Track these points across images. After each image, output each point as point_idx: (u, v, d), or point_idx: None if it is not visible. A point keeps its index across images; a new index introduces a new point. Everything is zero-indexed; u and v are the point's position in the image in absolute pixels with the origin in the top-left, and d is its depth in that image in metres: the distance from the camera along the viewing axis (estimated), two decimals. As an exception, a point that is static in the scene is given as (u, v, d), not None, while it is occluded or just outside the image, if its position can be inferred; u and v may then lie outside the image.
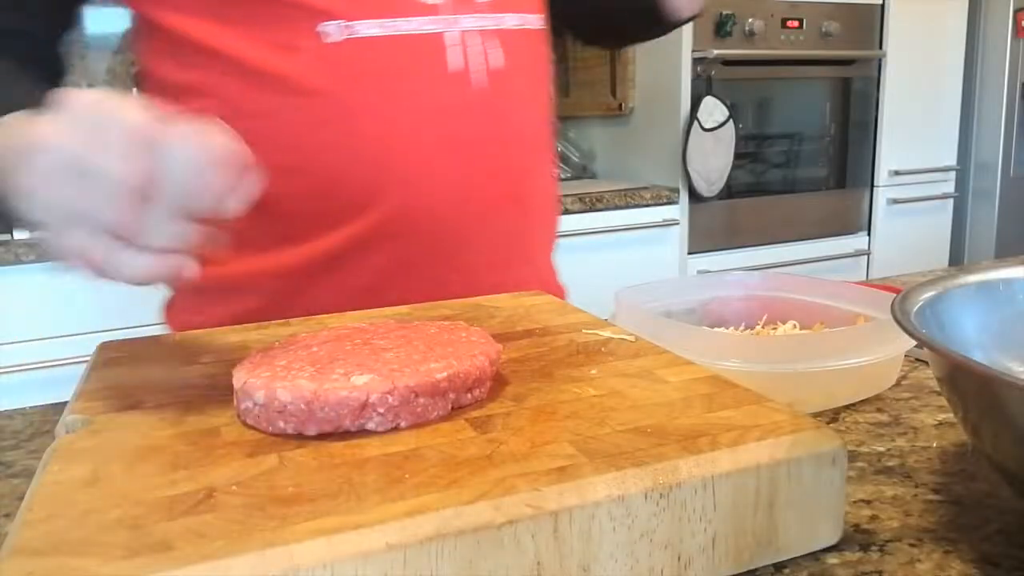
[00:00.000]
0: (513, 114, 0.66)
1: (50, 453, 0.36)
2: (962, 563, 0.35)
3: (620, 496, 0.31)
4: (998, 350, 0.44)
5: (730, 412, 0.38)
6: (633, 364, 0.45)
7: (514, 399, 0.40)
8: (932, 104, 2.50)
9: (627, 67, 2.29)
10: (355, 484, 0.31)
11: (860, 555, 0.36)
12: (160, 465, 0.34)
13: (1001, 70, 2.50)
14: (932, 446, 0.47)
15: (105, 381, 0.45)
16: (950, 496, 0.41)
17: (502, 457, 0.33)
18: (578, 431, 0.36)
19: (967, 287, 0.45)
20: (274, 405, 0.36)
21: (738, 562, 0.34)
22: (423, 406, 0.38)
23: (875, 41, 2.37)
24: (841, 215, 2.45)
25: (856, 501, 0.41)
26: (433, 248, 0.64)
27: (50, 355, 1.57)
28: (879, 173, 2.46)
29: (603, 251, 2.01)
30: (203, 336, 0.54)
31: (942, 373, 0.37)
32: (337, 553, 0.27)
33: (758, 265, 2.25)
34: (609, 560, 0.31)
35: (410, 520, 0.29)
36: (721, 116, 2.14)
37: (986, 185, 2.59)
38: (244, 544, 0.27)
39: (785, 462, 0.34)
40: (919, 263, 2.51)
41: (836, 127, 2.43)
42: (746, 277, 0.68)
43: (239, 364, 0.41)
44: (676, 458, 0.33)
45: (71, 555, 0.27)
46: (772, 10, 2.19)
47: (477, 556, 0.29)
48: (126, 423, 0.39)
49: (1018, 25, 2.47)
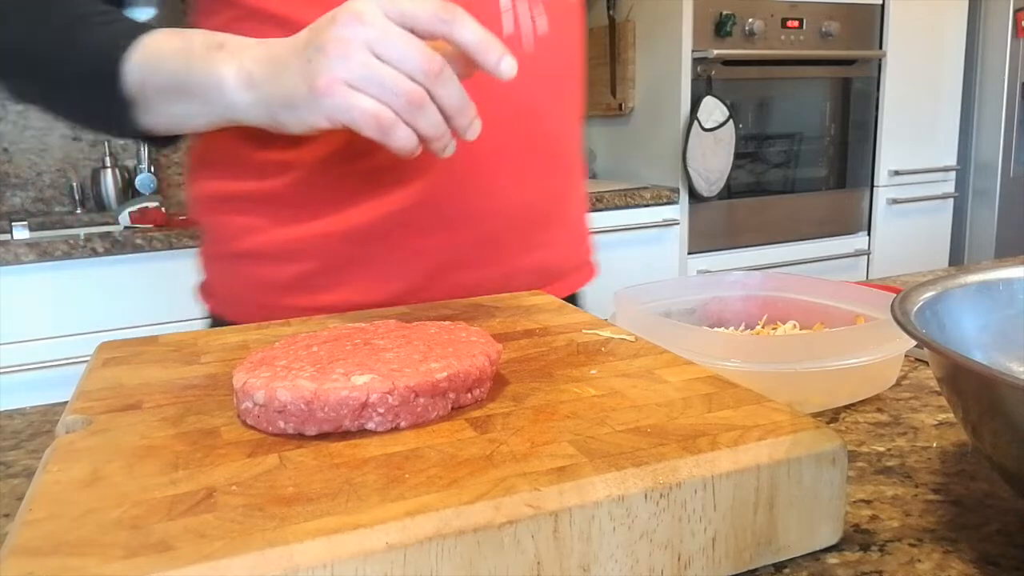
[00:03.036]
0: (555, 79, 0.70)
1: (50, 453, 0.36)
2: (962, 563, 0.35)
3: (620, 496, 0.31)
4: (998, 350, 0.44)
5: (730, 412, 0.38)
6: (633, 364, 0.45)
7: (514, 399, 0.40)
8: (932, 104, 2.50)
9: (627, 67, 2.30)
10: (355, 484, 0.31)
11: (860, 555, 0.36)
12: (160, 465, 0.34)
13: (1001, 70, 2.50)
14: (932, 446, 0.47)
15: (105, 381, 0.45)
16: (950, 496, 0.41)
17: (502, 457, 0.33)
18: (578, 431, 0.36)
19: (967, 287, 0.45)
20: (274, 405, 0.36)
21: (738, 562, 0.34)
22: (423, 406, 0.38)
23: (875, 41, 2.37)
24: (841, 215, 2.45)
25: (856, 501, 0.41)
26: (480, 207, 0.67)
27: (50, 355, 1.57)
28: (879, 173, 2.46)
29: (603, 251, 2.00)
30: (203, 336, 0.55)
31: (942, 373, 0.37)
32: (337, 553, 0.27)
33: (758, 265, 2.26)
34: (609, 560, 0.31)
35: (410, 520, 0.29)
36: (721, 116, 2.14)
37: (986, 185, 2.59)
38: (244, 544, 0.27)
39: (785, 462, 0.34)
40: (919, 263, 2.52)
41: (836, 127, 2.43)
42: (746, 277, 0.68)
43: (239, 364, 0.41)
44: (676, 458, 0.33)
45: (71, 555, 0.27)
46: (772, 10, 2.19)
47: (477, 556, 0.29)
48: (126, 423, 0.39)
49: (1018, 25, 2.47)
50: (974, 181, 2.62)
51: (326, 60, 0.48)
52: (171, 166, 2.17)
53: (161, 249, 1.62)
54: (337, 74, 0.48)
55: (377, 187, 0.64)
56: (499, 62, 0.48)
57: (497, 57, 0.48)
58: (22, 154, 2.02)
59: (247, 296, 0.69)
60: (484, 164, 0.65)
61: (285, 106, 0.51)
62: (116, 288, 1.61)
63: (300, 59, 0.50)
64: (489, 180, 0.66)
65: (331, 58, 0.48)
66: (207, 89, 0.54)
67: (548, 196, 0.71)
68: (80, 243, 1.56)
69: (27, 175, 2.03)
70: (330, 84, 0.48)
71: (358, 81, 0.48)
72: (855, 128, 2.44)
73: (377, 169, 0.63)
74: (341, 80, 0.48)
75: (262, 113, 0.53)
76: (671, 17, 2.13)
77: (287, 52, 0.51)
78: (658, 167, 2.25)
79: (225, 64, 0.53)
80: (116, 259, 1.60)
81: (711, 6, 2.13)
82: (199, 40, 0.55)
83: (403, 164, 0.62)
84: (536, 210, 0.70)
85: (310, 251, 0.66)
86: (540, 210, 0.71)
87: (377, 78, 0.47)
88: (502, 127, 0.65)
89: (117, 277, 1.61)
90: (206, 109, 0.55)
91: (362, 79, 0.48)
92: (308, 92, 0.49)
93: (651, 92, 2.26)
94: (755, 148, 2.32)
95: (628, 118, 2.36)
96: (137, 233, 1.62)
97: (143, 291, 1.62)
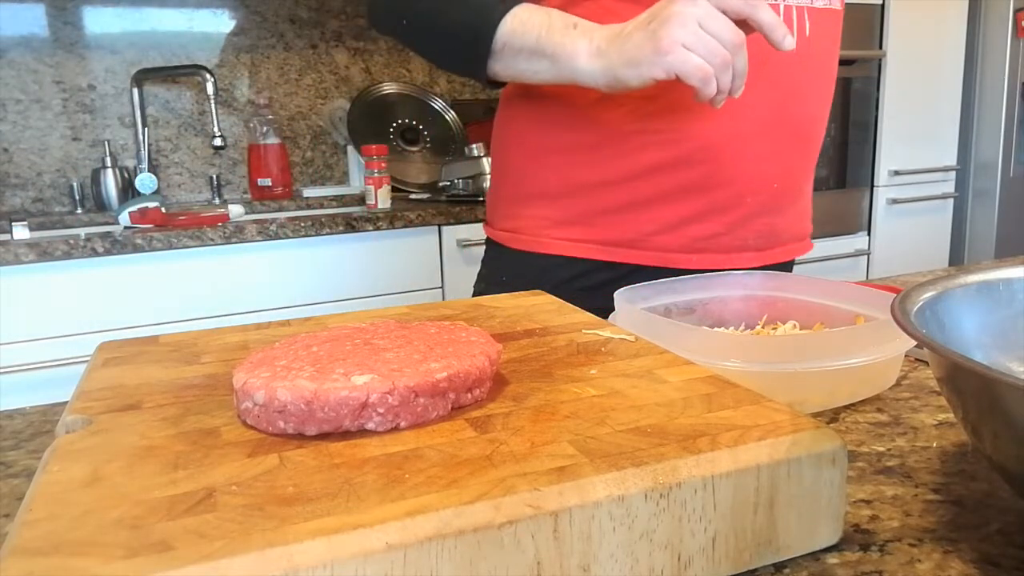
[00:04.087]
0: (813, 79, 0.84)
1: (50, 453, 0.36)
2: (962, 563, 0.35)
3: (620, 496, 0.31)
4: (998, 350, 0.44)
5: (730, 412, 0.38)
6: (633, 364, 0.45)
7: (514, 399, 0.40)
8: (932, 104, 2.50)
9: (627, 67, 2.29)
10: (355, 484, 0.31)
11: (860, 555, 0.36)
12: (160, 465, 0.34)
13: (1001, 70, 2.50)
14: (932, 446, 0.47)
15: (105, 381, 0.45)
16: (950, 496, 0.41)
17: (502, 457, 0.33)
18: (578, 431, 0.36)
19: (967, 287, 0.45)
20: (274, 405, 0.36)
21: (738, 562, 0.34)
22: (423, 406, 0.37)
23: (875, 41, 2.37)
24: (841, 215, 2.45)
25: (856, 501, 0.41)
26: (733, 174, 0.81)
27: (50, 355, 1.57)
28: (879, 173, 2.46)
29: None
30: (203, 336, 0.55)
31: (942, 373, 0.37)
32: (337, 553, 0.27)
33: (758, 265, 2.25)
34: (609, 560, 0.31)
35: (410, 520, 0.29)
36: (721, 116, 2.13)
37: (986, 185, 2.59)
38: (244, 544, 0.27)
39: (785, 462, 0.34)
40: (919, 263, 2.52)
41: (836, 127, 2.43)
42: (746, 277, 0.68)
43: (239, 364, 0.41)
44: (676, 458, 0.33)
45: (71, 555, 0.27)
46: (772, 10, 2.19)
47: (477, 556, 0.29)
48: (126, 423, 0.39)
49: (1018, 25, 2.47)
50: (974, 181, 2.62)
51: (669, 28, 0.65)
52: (171, 166, 2.17)
53: (161, 249, 1.62)
54: (677, 38, 0.65)
55: (656, 143, 0.80)
56: (784, 38, 0.66)
57: (783, 34, 0.66)
58: (22, 154, 2.02)
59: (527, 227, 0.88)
60: (748, 139, 0.80)
61: (629, 65, 0.68)
62: (116, 288, 1.61)
63: (645, 31, 0.67)
64: (748, 153, 0.80)
65: (672, 27, 0.65)
66: (561, 56, 0.72)
67: (793, 172, 0.85)
68: (80, 243, 1.56)
69: (27, 175, 2.03)
70: (672, 44, 0.65)
71: (692, 44, 0.65)
72: (855, 128, 2.44)
73: (657, 131, 0.80)
74: (679, 42, 0.65)
75: (603, 76, 0.71)
76: (671, 17, 2.13)
77: (631, 27, 0.69)
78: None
79: (580, 39, 0.72)
80: (116, 259, 1.60)
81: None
82: (558, 18, 0.73)
83: (681, 127, 0.79)
84: (781, 184, 0.84)
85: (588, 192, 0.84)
86: (784, 185, 0.84)
87: (704, 43, 0.65)
88: (765, 107, 0.80)
89: (117, 277, 1.61)
90: (554, 69, 0.73)
91: (695, 43, 0.65)
92: (652, 52, 0.66)
93: (651, 92, 2.25)
94: (755, 148, 2.32)
95: (628, 118, 2.35)
96: (137, 233, 1.62)
97: (143, 291, 1.62)
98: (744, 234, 0.84)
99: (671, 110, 0.79)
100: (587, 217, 0.84)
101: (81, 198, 2.06)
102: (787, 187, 0.85)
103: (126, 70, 2.08)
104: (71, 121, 2.06)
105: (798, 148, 0.85)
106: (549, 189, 0.86)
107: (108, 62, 2.07)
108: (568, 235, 0.85)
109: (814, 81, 0.84)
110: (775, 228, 0.86)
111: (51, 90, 2.03)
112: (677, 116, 0.79)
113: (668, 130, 0.80)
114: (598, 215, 0.84)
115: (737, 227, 0.83)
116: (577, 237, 0.85)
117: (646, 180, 0.82)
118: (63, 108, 2.05)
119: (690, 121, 0.79)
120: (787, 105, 0.82)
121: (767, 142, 0.82)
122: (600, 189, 0.83)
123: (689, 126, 0.79)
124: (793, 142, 0.84)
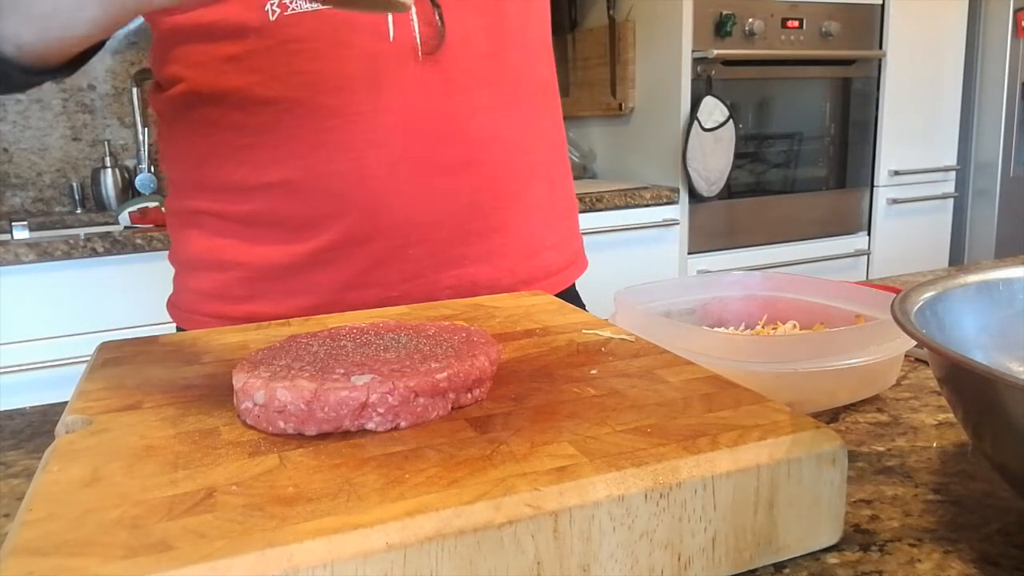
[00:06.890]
0: (476, 83, 0.67)
1: (50, 453, 0.36)
2: (962, 563, 0.35)
3: (620, 496, 0.31)
4: (998, 350, 0.44)
5: (730, 412, 0.38)
6: (633, 364, 0.45)
7: (514, 399, 0.40)
8: (932, 104, 2.50)
9: (627, 67, 2.29)
10: (355, 484, 0.31)
11: (860, 555, 0.36)
12: (160, 465, 0.34)
13: (1001, 70, 2.50)
14: (932, 446, 0.47)
15: (105, 381, 0.45)
16: (950, 496, 0.41)
17: (502, 457, 0.33)
18: (578, 431, 0.36)
19: (967, 287, 0.45)
20: (274, 405, 0.36)
21: (738, 562, 0.34)
22: (423, 406, 0.37)
23: (875, 41, 2.37)
24: (841, 215, 2.45)
25: (856, 501, 0.41)
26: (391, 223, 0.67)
27: (50, 355, 1.57)
28: (879, 173, 2.46)
29: (603, 251, 2.01)
30: (203, 336, 0.54)
31: (942, 373, 0.37)
32: (337, 553, 0.27)
33: (758, 265, 2.25)
34: (609, 560, 0.31)
35: (410, 520, 0.29)
36: (721, 116, 2.14)
37: (986, 185, 2.59)
38: (244, 544, 0.27)
39: (785, 462, 0.34)
40: (919, 263, 2.52)
41: (836, 127, 2.43)
42: (746, 277, 0.68)
43: (239, 364, 0.41)
44: (676, 458, 0.33)
45: (71, 555, 0.27)
46: (772, 10, 2.19)
47: (477, 556, 0.29)
48: (126, 423, 0.39)
49: (1018, 25, 2.47)
50: (974, 181, 2.62)
51: None
52: (171, 166, 2.17)
53: (161, 249, 1.62)
54: None
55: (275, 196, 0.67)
56: None
57: None
58: (22, 154, 2.02)
59: (183, 302, 0.75)
60: (398, 185, 0.65)
61: None
62: (116, 288, 1.61)
63: None
64: (399, 198, 0.66)
65: None
66: None
67: (470, 209, 0.68)
68: (80, 243, 1.56)
69: (27, 175, 2.03)
70: None
71: None
72: (855, 128, 2.44)
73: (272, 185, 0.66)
74: None
75: None
76: (671, 17, 2.13)
77: None
78: (658, 167, 2.25)
79: None
80: (116, 259, 1.60)
81: (711, 6, 2.13)
82: None
83: (329, 197, 0.65)
84: (454, 224, 0.68)
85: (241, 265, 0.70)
86: (457, 227, 0.68)
87: None
88: (416, 142, 0.65)
89: (117, 277, 1.61)
90: None
91: None
92: None
93: (651, 92, 2.26)
94: (755, 148, 2.32)
95: (628, 118, 2.35)
96: (137, 233, 1.62)
97: (143, 291, 1.62)
98: (433, 292, 0.69)
99: (280, 156, 0.65)
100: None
101: (81, 198, 2.06)
102: (466, 229, 0.68)
103: (126, 70, 2.08)
104: (71, 121, 2.06)
105: (466, 178, 0.67)
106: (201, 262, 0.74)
107: (108, 62, 2.07)
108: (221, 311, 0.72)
109: (477, 85, 0.67)
110: (476, 279, 0.70)
111: (51, 90, 2.03)
112: (290, 163, 0.64)
113: (282, 184, 0.66)
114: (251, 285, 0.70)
115: (417, 283, 0.68)
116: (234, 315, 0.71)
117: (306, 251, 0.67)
118: (63, 108, 2.05)
119: (311, 167, 0.64)
120: (434, 127, 0.65)
121: (416, 187, 0.65)
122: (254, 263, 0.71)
123: (309, 174, 0.64)
124: (455, 176, 0.67)
